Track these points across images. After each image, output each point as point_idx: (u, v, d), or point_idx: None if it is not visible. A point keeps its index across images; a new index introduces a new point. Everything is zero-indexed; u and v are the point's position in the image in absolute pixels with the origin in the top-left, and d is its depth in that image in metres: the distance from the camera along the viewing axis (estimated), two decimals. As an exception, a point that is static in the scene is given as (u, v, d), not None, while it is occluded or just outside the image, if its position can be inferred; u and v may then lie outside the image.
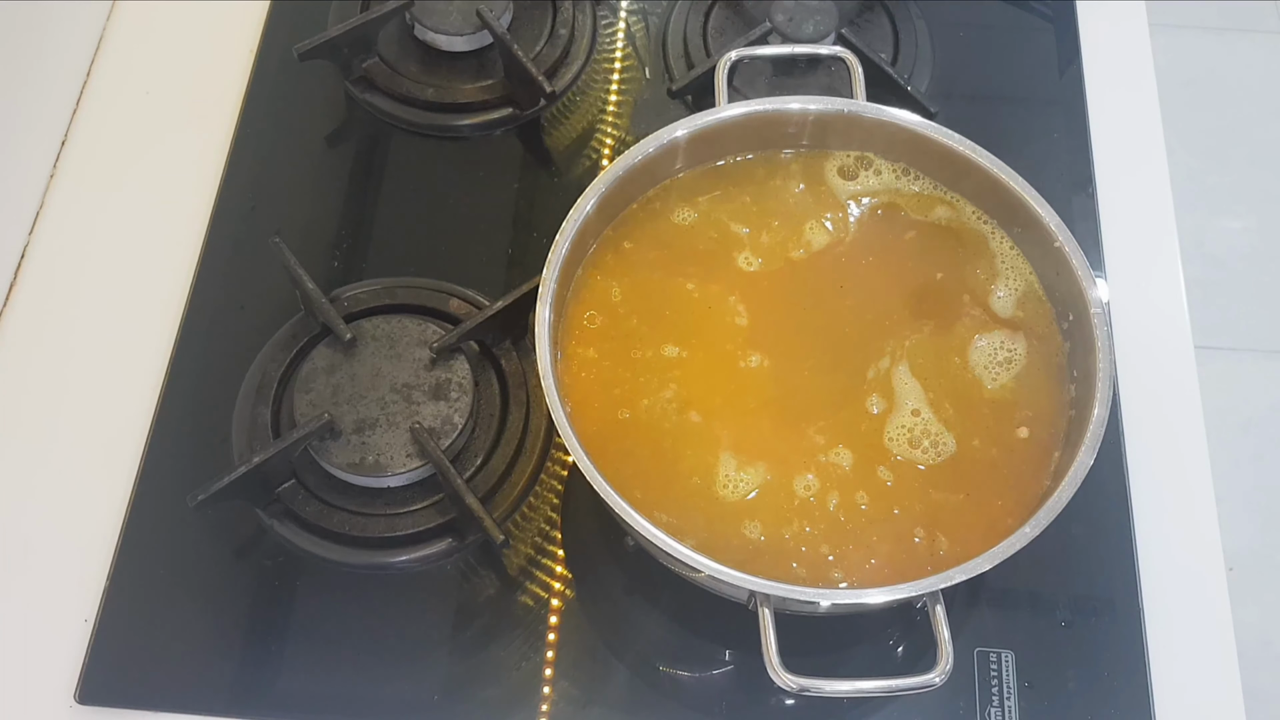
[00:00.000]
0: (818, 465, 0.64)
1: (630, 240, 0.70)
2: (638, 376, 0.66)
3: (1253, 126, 1.78)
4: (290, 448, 0.68)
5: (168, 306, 0.77)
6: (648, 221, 0.71)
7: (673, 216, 0.71)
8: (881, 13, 0.89)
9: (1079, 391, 0.64)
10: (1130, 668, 0.67)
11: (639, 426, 0.65)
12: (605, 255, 0.70)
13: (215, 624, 0.68)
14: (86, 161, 0.83)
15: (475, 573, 0.69)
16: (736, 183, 0.72)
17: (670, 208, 0.71)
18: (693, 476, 0.64)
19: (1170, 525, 0.71)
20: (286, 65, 0.84)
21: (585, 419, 0.65)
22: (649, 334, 0.67)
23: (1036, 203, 0.66)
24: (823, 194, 0.72)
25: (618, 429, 0.65)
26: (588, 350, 0.67)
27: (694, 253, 0.70)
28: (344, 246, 0.80)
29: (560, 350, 0.66)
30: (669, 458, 0.64)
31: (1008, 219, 0.69)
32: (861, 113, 0.70)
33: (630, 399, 0.66)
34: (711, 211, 0.71)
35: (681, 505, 0.63)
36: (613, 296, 0.69)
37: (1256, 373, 1.63)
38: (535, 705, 0.66)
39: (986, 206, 0.70)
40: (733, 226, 0.71)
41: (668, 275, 0.69)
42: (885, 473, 0.64)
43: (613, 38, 0.89)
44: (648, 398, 0.66)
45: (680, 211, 0.71)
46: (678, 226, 0.71)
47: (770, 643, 0.57)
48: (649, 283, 0.69)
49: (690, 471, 0.64)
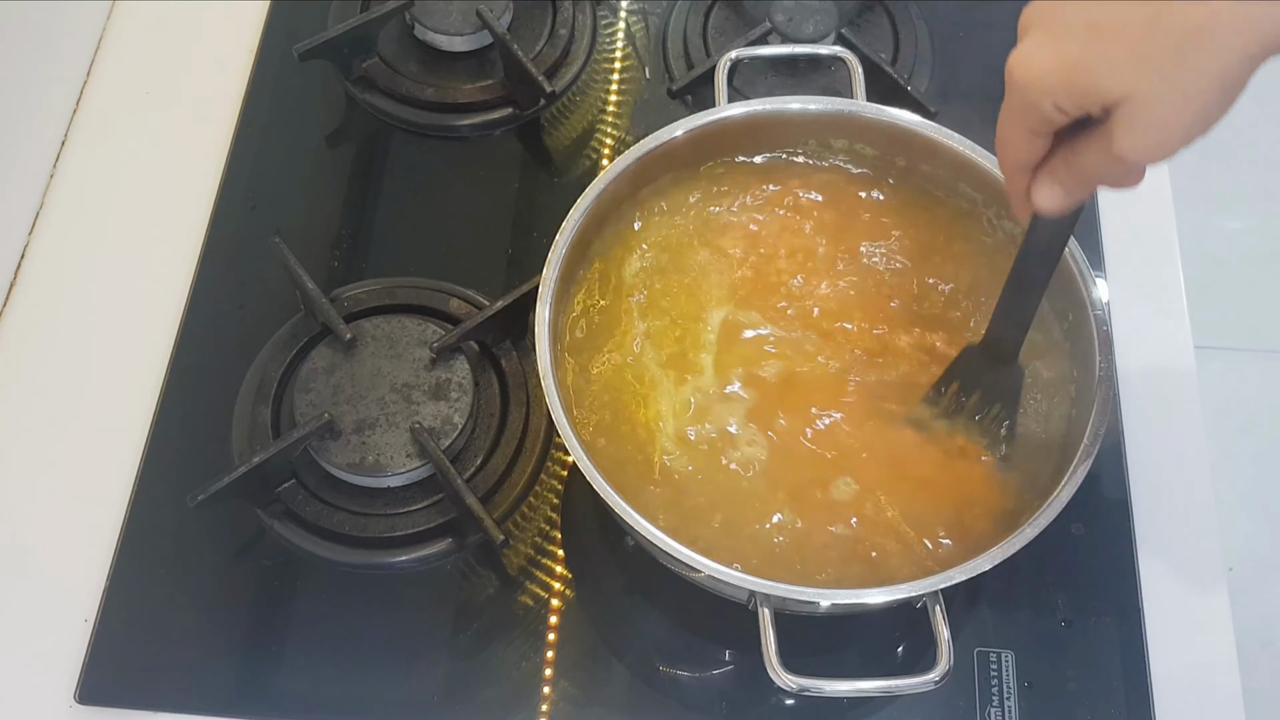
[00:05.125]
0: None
1: (630, 240, 0.70)
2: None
3: (1253, 126, 1.78)
4: (290, 448, 0.68)
5: (168, 306, 0.77)
6: (648, 222, 0.71)
7: (673, 217, 0.71)
8: (881, 13, 0.89)
9: (1079, 391, 0.64)
10: (1130, 668, 0.67)
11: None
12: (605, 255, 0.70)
13: (215, 624, 0.68)
14: (86, 161, 0.83)
15: (475, 573, 0.69)
16: (737, 183, 0.72)
17: (670, 208, 0.71)
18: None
19: (1170, 525, 0.71)
20: (286, 65, 0.83)
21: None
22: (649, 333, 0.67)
23: (1036, 203, 0.66)
24: (823, 194, 0.72)
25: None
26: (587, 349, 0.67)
27: (694, 253, 0.70)
28: (344, 246, 0.80)
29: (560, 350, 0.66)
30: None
31: (1008, 219, 0.69)
32: (861, 113, 0.70)
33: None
34: (712, 212, 0.71)
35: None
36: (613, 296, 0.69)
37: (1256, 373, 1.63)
38: (535, 705, 0.66)
39: (986, 206, 0.70)
40: (733, 227, 0.71)
41: (668, 275, 0.69)
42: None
43: (613, 38, 0.89)
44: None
45: (680, 212, 0.71)
46: (678, 227, 0.71)
47: (770, 643, 0.57)
48: (649, 283, 0.69)
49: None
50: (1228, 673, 0.67)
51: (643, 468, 0.64)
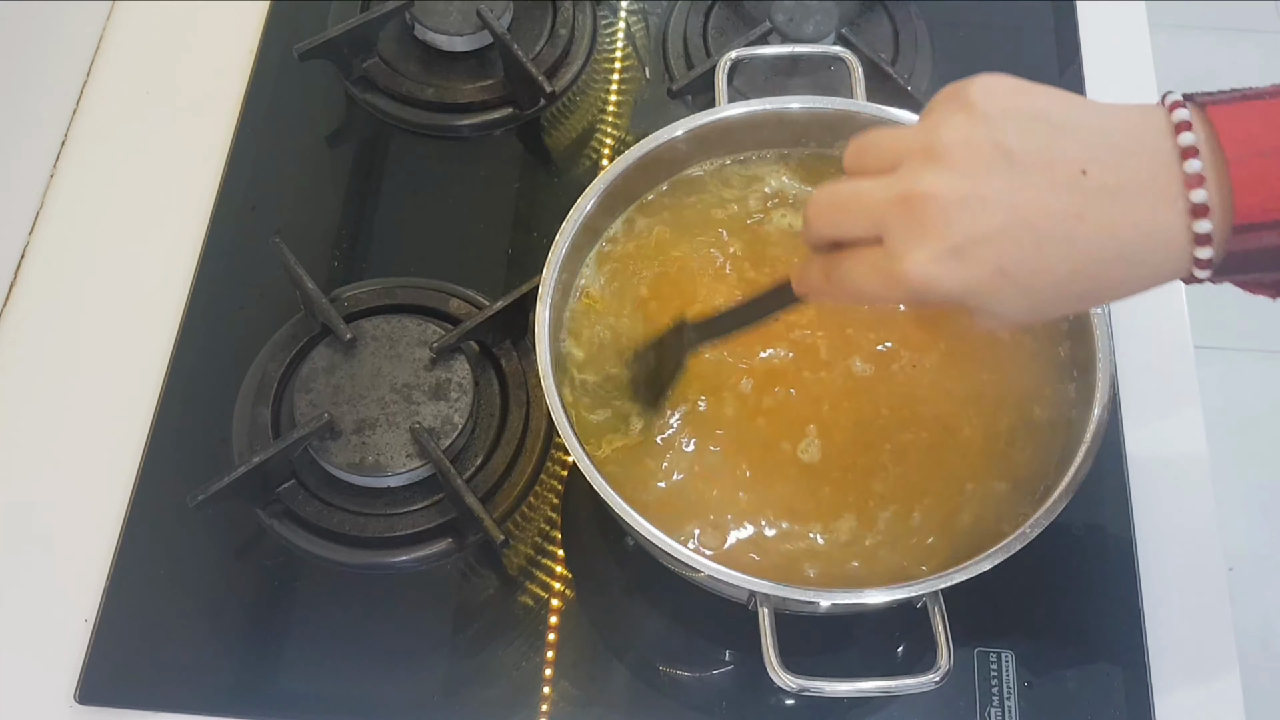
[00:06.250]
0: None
1: (630, 240, 0.70)
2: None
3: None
4: (290, 448, 0.68)
5: (168, 306, 0.77)
6: (648, 221, 0.71)
7: (673, 217, 0.71)
8: (881, 13, 0.89)
9: (1079, 391, 0.64)
10: (1130, 667, 0.67)
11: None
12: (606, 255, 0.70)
13: (215, 624, 0.68)
14: (86, 161, 0.83)
15: (475, 573, 0.69)
16: (736, 183, 0.72)
17: (670, 208, 0.71)
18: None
19: (1170, 525, 0.71)
20: (286, 65, 0.84)
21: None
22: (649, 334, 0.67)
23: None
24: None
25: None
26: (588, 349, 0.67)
27: (694, 253, 0.70)
28: (344, 246, 0.80)
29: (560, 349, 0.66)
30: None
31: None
32: (861, 113, 0.70)
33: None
34: (711, 212, 0.71)
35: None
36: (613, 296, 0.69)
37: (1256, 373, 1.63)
38: (535, 705, 0.66)
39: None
40: (733, 227, 0.71)
41: (668, 275, 0.69)
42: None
43: (613, 38, 0.89)
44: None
45: (680, 212, 0.71)
46: (678, 227, 0.71)
47: (770, 643, 0.57)
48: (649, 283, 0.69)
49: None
50: (1228, 673, 0.67)
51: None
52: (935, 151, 0.46)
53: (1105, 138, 0.45)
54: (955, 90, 0.47)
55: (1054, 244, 0.45)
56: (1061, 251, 0.45)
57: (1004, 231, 0.45)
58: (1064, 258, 0.45)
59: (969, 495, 0.63)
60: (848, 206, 0.49)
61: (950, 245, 0.45)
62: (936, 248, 0.45)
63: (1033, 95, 0.46)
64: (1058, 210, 0.44)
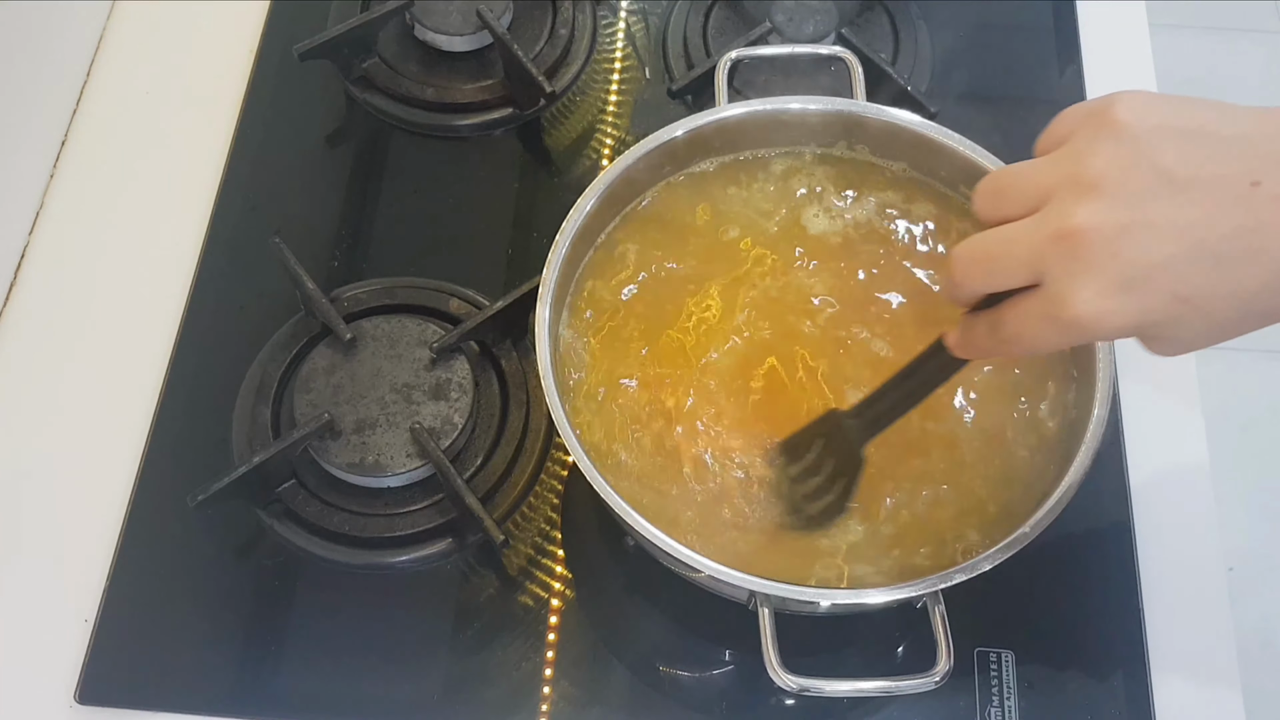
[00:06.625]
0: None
1: (630, 241, 0.70)
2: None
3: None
4: (290, 448, 0.68)
5: (168, 306, 0.77)
6: (648, 222, 0.71)
7: (673, 217, 0.71)
8: (881, 13, 0.89)
9: (1079, 391, 0.64)
10: (1130, 667, 0.67)
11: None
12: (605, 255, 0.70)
13: (215, 624, 0.68)
14: (86, 161, 0.83)
15: (475, 573, 0.69)
16: (736, 183, 0.72)
17: (670, 208, 0.71)
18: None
19: (1170, 525, 0.71)
20: (286, 65, 0.84)
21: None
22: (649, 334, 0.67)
23: (1036, 203, 0.66)
24: (823, 195, 0.72)
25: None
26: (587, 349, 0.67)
27: (694, 254, 0.70)
28: (344, 246, 0.80)
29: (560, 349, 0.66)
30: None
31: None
32: (861, 113, 0.70)
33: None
34: (711, 212, 0.71)
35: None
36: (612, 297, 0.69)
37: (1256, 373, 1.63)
38: (535, 705, 0.66)
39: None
40: (732, 227, 0.71)
41: (668, 275, 0.69)
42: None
43: (613, 38, 0.89)
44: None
45: (680, 212, 0.71)
46: (678, 227, 0.71)
47: (770, 643, 0.57)
48: (649, 284, 0.69)
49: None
50: (1228, 673, 0.67)
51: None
52: (1086, 181, 0.43)
53: (1271, 144, 0.43)
54: (1094, 110, 0.45)
55: (1235, 263, 0.43)
56: (1246, 269, 0.43)
57: (1178, 257, 0.42)
58: (1250, 275, 0.43)
59: (969, 494, 0.63)
60: (998, 256, 0.46)
61: (1119, 278, 0.43)
62: (1104, 282, 0.43)
63: (1184, 109, 0.44)
64: (1233, 227, 0.42)
